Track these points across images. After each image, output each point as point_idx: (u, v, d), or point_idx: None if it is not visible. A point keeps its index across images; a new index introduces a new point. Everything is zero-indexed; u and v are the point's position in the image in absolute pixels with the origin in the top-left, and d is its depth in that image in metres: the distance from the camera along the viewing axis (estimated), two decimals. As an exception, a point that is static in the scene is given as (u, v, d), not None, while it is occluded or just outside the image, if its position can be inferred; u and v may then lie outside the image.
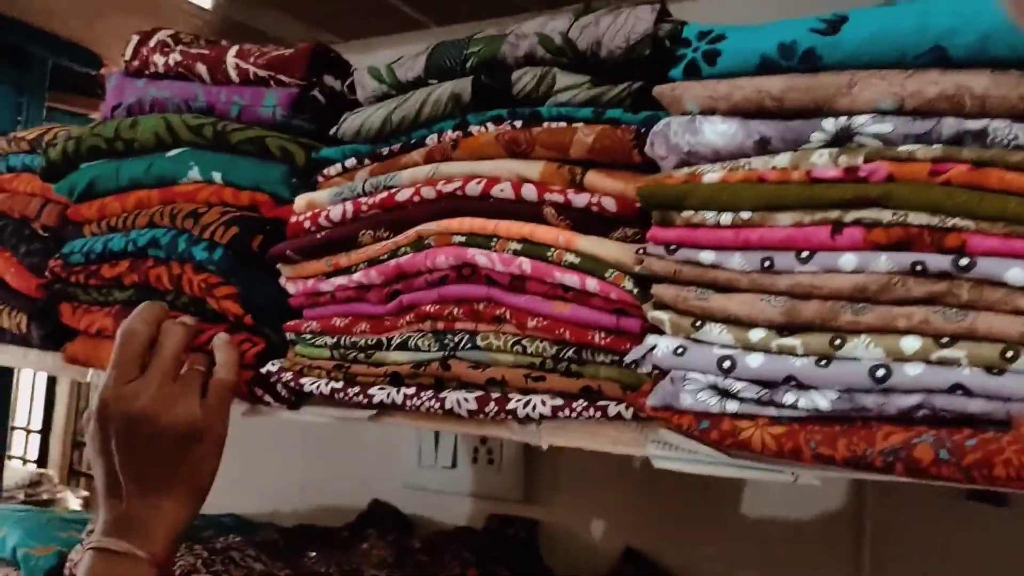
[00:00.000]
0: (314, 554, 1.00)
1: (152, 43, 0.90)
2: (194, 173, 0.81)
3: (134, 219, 0.83)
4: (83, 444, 2.29)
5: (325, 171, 0.76)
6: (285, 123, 0.80)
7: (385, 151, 0.73)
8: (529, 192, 0.64)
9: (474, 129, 0.68)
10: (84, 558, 0.64)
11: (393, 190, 0.69)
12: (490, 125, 0.68)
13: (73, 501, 2.62)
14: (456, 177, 0.67)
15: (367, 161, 0.74)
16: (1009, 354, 0.45)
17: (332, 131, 0.76)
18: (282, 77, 0.82)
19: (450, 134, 0.69)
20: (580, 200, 0.62)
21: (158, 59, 0.88)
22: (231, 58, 0.84)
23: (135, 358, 0.67)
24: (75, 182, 0.88)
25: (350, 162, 0.75)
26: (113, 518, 0.65)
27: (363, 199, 0.71)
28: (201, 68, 0.85)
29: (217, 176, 0.80)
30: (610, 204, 0.61)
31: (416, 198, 0.68)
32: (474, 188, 0.66)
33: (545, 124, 0.65)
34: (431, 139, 0.70)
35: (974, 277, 0.46)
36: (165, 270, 0.79)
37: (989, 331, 0.45)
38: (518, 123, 0.66)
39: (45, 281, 0.91)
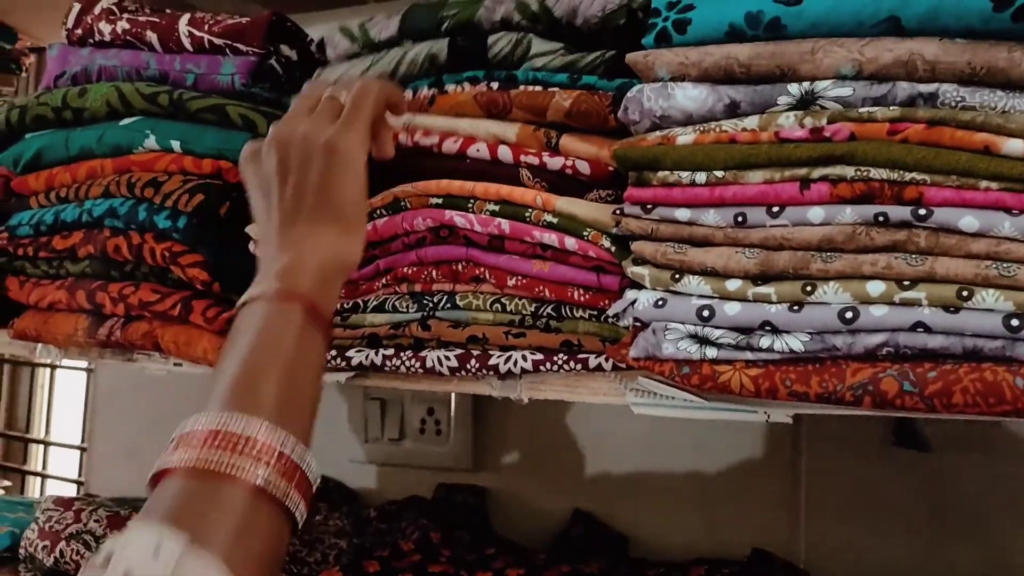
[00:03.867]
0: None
1: (96, 11, 0.88)
2: (150, 142, 0.80)
3: (87, 189, 0.81)
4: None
5: (291, 138, 0.77)
6: (244, 91, 0.80)
7: (355, 116, 0.74)
8: (505, 154, 0.66)
9: (449, 88, 0.70)
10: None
11: (367, 150, 0.70)
12: (466, 85, 0.69)
13: (-3, 492, 2.52)
14: (433, 131, 0.68)
15: (336, 127, 0.75)
16: (964, 293, 0.50)
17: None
18: (239, 45, 0.81)
19: (425, 91, 0.71)
20: (555, 163, 0.65)
21: (104, 27, 0.87)
22: (184, 26, 0.83)
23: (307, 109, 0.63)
24: (20, 152, 0.85)
25: (317, 129, 0.75)
26: (261, 268, 0.58)
27: (335, 165, 0.71)
28: (151, 36, 0.84)
29: (176, 144, 0.79)
30: (584, 167, 0.64)
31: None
32: (451, 146, 0.68)
33: (521, 87, 0.67)
34: (406, 96, 0.72)
35: (931, 225, 0.51)
36: (124, 240, 0.78)
37: (946, 273, 0.50)
38: (495, 85, 0.68)
39: (-10, 256, 0.88)
